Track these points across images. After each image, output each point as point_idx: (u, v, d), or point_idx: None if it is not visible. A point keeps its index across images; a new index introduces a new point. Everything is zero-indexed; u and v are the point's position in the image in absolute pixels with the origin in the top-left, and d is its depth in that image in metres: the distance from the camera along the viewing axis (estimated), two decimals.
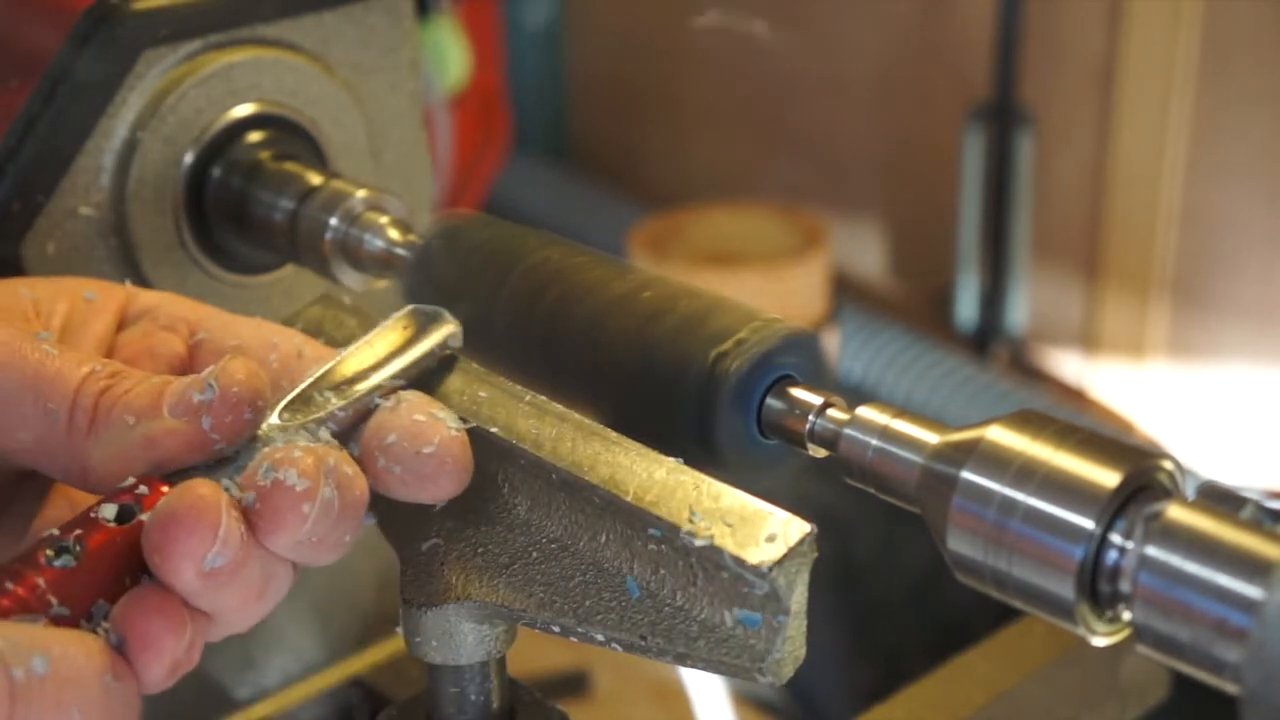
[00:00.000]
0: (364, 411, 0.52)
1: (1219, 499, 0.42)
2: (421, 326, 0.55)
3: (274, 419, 0.50)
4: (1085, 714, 0.74)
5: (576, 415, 0.53)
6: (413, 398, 0.52)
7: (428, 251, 0.62)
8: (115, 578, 0.46)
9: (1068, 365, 2.30)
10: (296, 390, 0.52)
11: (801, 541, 0.46)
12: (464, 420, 0.52)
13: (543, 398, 0.54)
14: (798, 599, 0.46)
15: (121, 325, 0.56)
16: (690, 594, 0.48)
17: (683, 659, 0.48)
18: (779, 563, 0.46)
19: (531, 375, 0.55)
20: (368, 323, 0.58)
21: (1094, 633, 0.45)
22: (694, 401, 0.52)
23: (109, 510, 0.47)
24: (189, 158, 0.69)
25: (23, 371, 0.49)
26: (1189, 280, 2.12)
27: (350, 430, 0.52)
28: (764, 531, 0.47)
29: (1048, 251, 2.25)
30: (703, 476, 0.49)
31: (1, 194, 0.65)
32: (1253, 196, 2.02)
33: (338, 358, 0.53)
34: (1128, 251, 2.16)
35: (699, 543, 0.47)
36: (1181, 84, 2.02)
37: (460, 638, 0.52)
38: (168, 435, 0.48)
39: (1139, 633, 0.43)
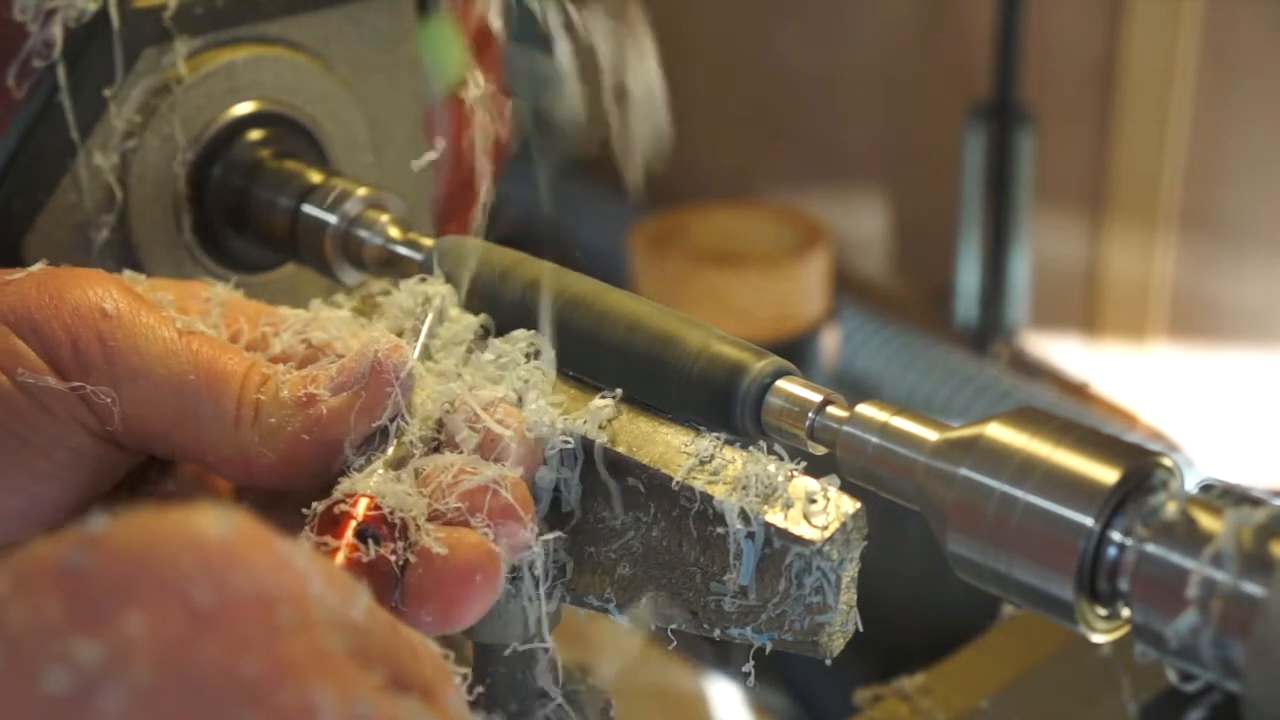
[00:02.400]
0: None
1: (1219, 496, 0.42)
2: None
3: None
4: (1085, 708, 0.74)
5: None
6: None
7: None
8: None
9: (1067, 362, 2.30)
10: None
11: (852, 517, 0.48)
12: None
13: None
14: (847, 574, 0.48)
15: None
16: (741, 570, 0.49)
17: (738, 634, 0.49)
18: (831, 538, 0.47)
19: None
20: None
21: (1093, 630, 0.45)
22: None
23: (351, 530, 0.47)
24: (189, 156, 0.69)
25: (196, 366, 0.50)
26: (1189, 279, 2.12)
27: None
28: (815, 508, 0.48)
29: (1048, 250, 2.25)
30: (750, 454, 0.50)
31: (2, 192, 0.65)
32: (1253, 196, 2.02)
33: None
34: (1127, 250, 2.16)
35: (755, 519, 0.48)
36: (1181, 84, 2.02)
37: (510, 617, 0.53)
38: (331, 415, 0.49)
39: (1138, 630, 0.43)
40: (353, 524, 0.47)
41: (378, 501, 0.47)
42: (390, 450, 0.51)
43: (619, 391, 0.54)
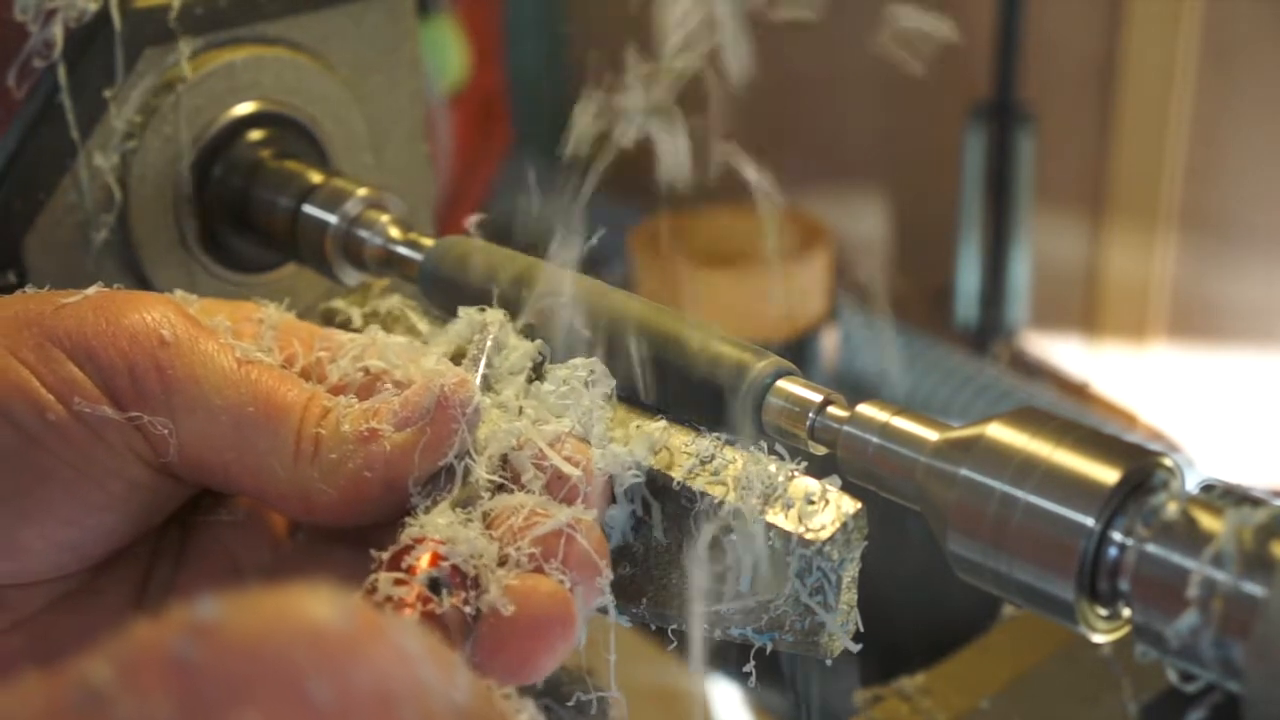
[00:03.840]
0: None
1: (1219, 496, 0.42)
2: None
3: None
4: (1085, 708, 0.74)
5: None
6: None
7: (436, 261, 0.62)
8: None
9: (1067, 362, 2.29)
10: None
11: (853, 518, 0.48)
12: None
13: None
14: (848, 574, 0.48)
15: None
16: (744, 568, 0.49)
17: (739, 634, 0.49)
18: (832, 538, 0.47)
19: None
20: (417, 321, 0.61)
21: (1094, 630, 0.45)
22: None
23: (419, 577, 0.44)
24: (190, 156, 0.69)
25: (255, 397, 0.48)
26: (1189, 279, 2.12)
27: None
28: (815, 508, 0.48)
29: (1048, 250, 2.25)
30: (750, 454, 0.50)
31: (3, 192, 0.65)
32: (1253, 196, 2.02)
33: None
34: (1127, 250, 2.16)
35: (755, 520, 0.48)
36: (1181, 84, 2.02)
37: None
38: (395, 452, 0.47)
39: (1139, 631, 0.43)
40: (423, 573, 0.44)
41: (448, 548, 0.45)
42: (456, 490, 0.48)
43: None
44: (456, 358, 0.54)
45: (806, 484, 0.49)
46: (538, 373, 0.54)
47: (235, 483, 0.48)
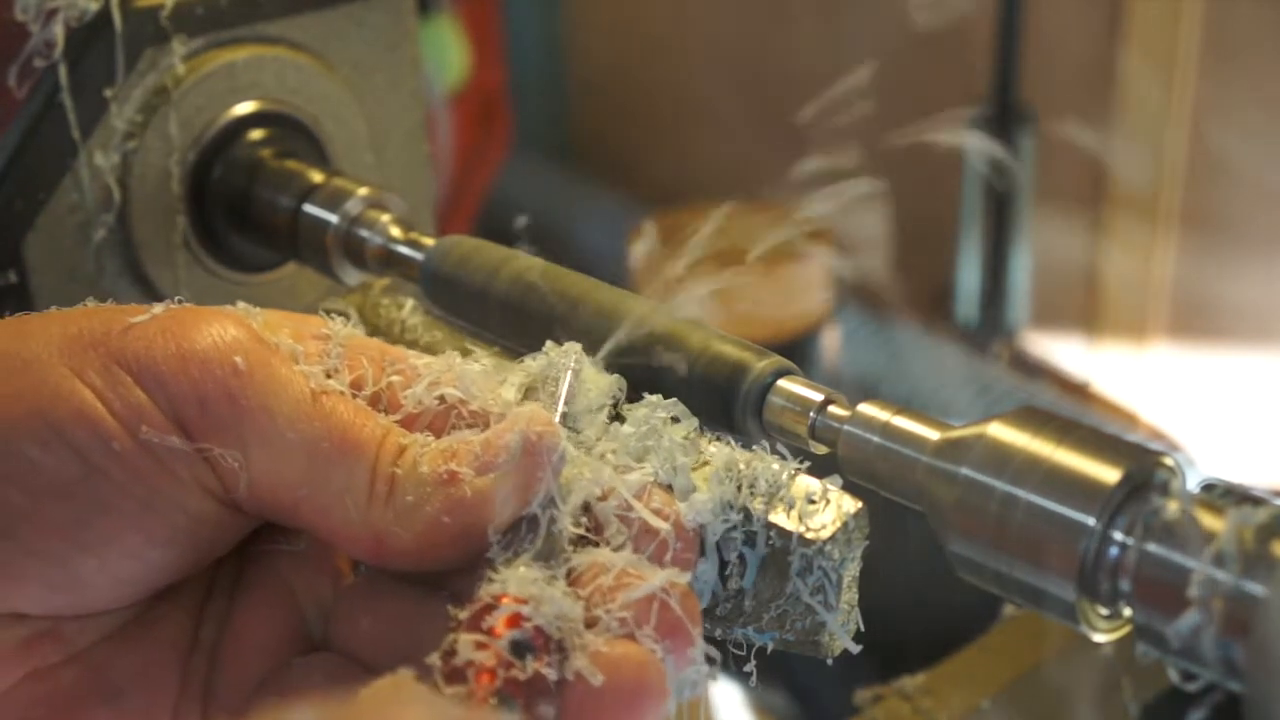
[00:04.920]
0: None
1: (1220, 496, 0.42)
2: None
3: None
4: (1086, 708, 0.74)
5: None
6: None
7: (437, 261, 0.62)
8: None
9: (1068, 362, 2.30)
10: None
11: (854, 517, 0.48)
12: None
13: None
14: (849, 573, 0.48)
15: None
16: (747, 572, 0.49)
17: (739, 634, 0.49)
18: (833, 537, 0.47)
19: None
20: (406, 310, 0.60)
21: (1095, 630, 0.45)
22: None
23: (502, 640, 0.41)
24: (190, 156, 0.69)
25: (329, 432, 0.45)
26: (1189, 279, 2.12)
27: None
28: (816, 507, 0.48)
29: (1048, 250, 2.25)
30: (750, 453, 0.50)
31: (4, 192, 0.65)
32: (1253, 196, 2.02)
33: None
34: (1128, 251, 2.16)
35: (755, 519, 0.48)
36: (1181, 84, 2.02)
37: None
38: (476, 498, 0.44)
39: (1139, 630, 0.43)
40: (506, 636, 0.41)
41: (531, 607, 0.42)
42: (539, 542, 0.45)
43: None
44: (531, 389, 0.51)
45: (807, 483, 0.49)
46: (617, 411, 0.51)
47: (304, 520, 0.46)
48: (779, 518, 0.48)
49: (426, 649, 0.42)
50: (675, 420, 0.51)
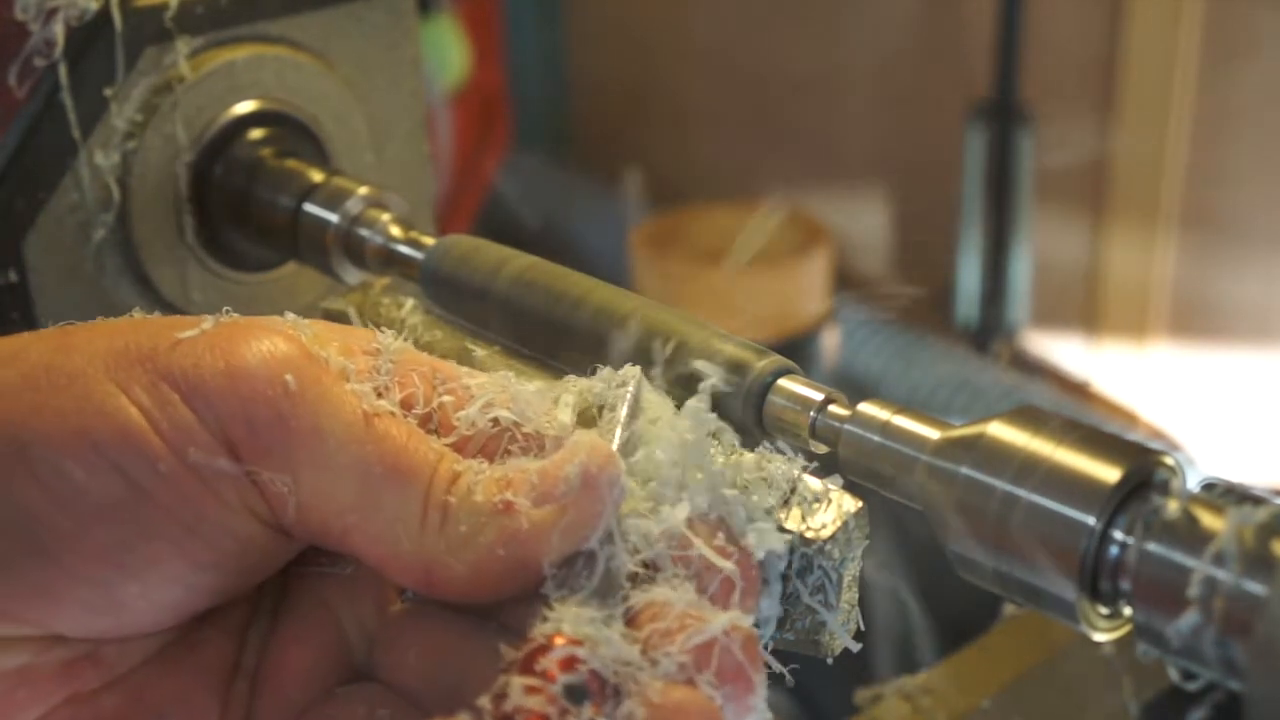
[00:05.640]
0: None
1: (1220, 495, 0.42)
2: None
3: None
4: (1086, 708, 0.74)
5: None
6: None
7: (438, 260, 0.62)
8: None
9: (1068, 362, 2.30)
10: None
11: (854, 516, 0.48)
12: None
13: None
14: (849, 573, 0.47)
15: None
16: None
17: None
18: (833, 536, 0.47)
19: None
20: (406, 309, 0.60)
21: (1095, 629, 0.45)
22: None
23: (556, 685, 0.40)
24: (191, 155, 0.69)
25: (382, 457, 0.43)
26: (1189, 279, 2.12)
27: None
28: (817, 506, 0.48)
29: (1048, 250, 2.25)
30: (752, 454, 0.50)
31: (4, 191, 0.65)
32: (1253, 196, 2.02)
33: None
34: (1127, 250, 2.16)
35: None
36: (1181, 84, 2.02)
37: None
38: (532, 530, 0.43)
39: (1140, 630, 0.43)
40: (560, 680, 0.40)
41: (587, 650, 0.41)
42: (596, 579, 0.43)
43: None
44: (585, 411, 0.49)
45: (808, 482, 0.49)
46: (677, 435, 0.49)
47: (353, 547, 0.44)
48: (779, 515, 0.48)
49: (474, 684, 0.41)
50: (714, 436, 0.49)
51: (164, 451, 0.42)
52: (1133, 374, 2.21)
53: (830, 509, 0.48)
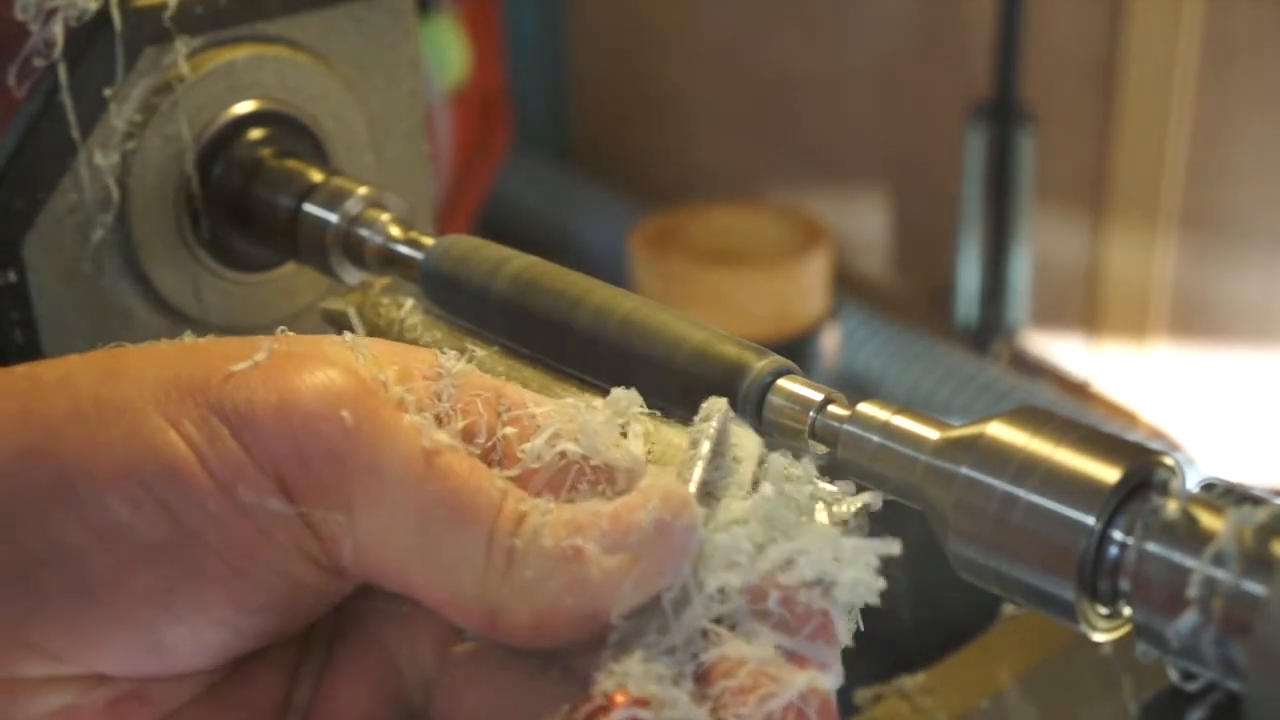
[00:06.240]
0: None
1: (1220, 495, 0.42)
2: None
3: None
4: (1086, 708, 0.74)
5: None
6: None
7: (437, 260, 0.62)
8: None
9: (1068, 362, 2.30)
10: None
11: (854, 516, 0.47)
12: None
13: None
14: None
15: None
16: None
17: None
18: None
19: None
20: (405, 309, 0.60)
21: (1094, 629, 0.45)
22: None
23: None
24: (190, 155, 0.69)
25: (442, 497, 0.41)
26: (1189, 279, 2.12)
27: None
28: (814, 506, 0.47)
29: (1048, 250, 2.25)
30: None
31: (3, 192, 0.65)
32: (1253, 196, 2.02)
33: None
34: (1127, 250, 2.16)
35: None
36: (1181, 84, 2.03)
37: None
38: (602, 580, 0.40)
39: (1139, 630, 0.43)
40: None
41: (653, 712, 0.38)
42: (668, 633, 0.40)
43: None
44: (660, 445, 0.47)
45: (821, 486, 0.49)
46: (760, 476, 0.46)
47: (412, 588, 0.42)
48: None
49: None
50: (795, 479, 0.46)
51: (213, 490, 0.40)
52: (1132, 374, 2.21)
53: (830, 509, 0.48)
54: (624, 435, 0.46)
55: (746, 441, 0.46)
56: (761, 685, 0.39)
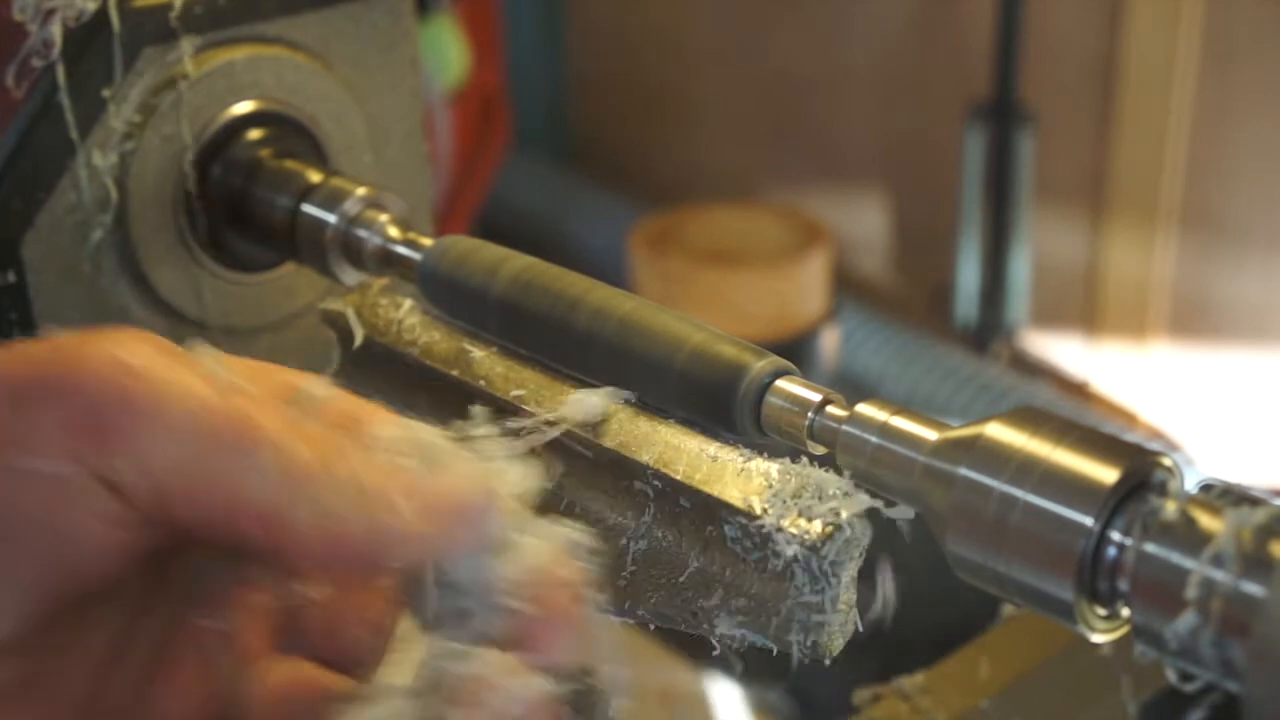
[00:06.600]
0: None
1: (1219, 496, 0.42)
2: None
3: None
4: (1085, 708, 0.74)
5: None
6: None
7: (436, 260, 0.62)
8: None
9: (1067, 362, 2.30)
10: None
11: (852, 518, 0.47)
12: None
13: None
14: (847, 574, 0.47)
15: None
16: (739, 570, 0.49)
17: (740, 634, 0.49)
18: (829, 538, 0.47)
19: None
20: (404, 309, 0.60)
21: (1093, 630, 0.45)
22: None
23: None
24: (189, 155, 0.69)
25: (231, 413, 0.41)
26: (1189, 279, 2.12)
27: None
28: (813, 507, 0.48)
29: (1048, 250, 2.25)
30: (750, 453, 0.50)
31: (2, 192, 0.65)
32: (1252, 196, 2.02)
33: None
34: (1127, 250, 2.16)
35: (748, 519, 0.48)
36: (1181, 84, 2.03)
37: None
38: (392, 519, 0.41)
39: (1137, 630, 0.43)
40: None
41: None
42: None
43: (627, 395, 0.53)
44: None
45: (805, 482, 0.49)
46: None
47: (210, 511, 0.41)
48: (772, 517, 0.48)
49: None
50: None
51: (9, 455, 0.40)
52: (1132, 374, 2.21)
53: (830, 509, 0.48)
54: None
55: (522, 470, 0.45)
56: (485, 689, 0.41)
